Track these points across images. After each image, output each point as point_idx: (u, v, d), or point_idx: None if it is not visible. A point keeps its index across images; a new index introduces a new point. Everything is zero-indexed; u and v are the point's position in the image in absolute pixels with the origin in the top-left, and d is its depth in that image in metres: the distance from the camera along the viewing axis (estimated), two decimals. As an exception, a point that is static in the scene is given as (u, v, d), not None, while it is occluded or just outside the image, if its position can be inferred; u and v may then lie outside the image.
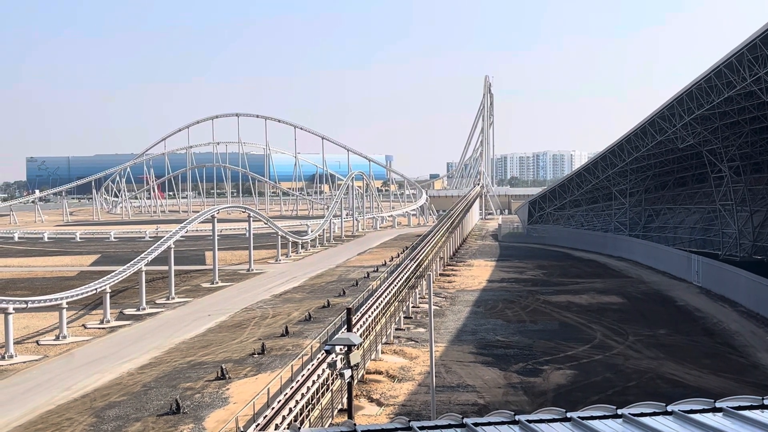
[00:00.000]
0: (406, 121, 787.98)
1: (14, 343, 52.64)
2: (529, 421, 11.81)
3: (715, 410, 12.18)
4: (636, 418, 11.84)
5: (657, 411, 12.22)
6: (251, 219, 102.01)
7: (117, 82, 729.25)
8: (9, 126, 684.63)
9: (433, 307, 31.92)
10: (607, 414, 12.12)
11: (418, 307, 63.32)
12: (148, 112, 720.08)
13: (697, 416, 11.87)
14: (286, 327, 55.21)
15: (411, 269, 63.38)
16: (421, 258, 69.86)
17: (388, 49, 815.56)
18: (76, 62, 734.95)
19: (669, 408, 12.31)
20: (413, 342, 50.41)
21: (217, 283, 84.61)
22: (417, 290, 64.55)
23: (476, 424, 11.73)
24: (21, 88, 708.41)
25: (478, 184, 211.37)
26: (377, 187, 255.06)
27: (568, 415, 12.06)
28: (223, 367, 42.99)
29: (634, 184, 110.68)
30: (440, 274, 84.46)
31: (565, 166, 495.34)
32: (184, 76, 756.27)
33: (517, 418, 11.96)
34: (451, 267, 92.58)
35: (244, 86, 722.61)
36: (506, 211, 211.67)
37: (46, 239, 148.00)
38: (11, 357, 50.75)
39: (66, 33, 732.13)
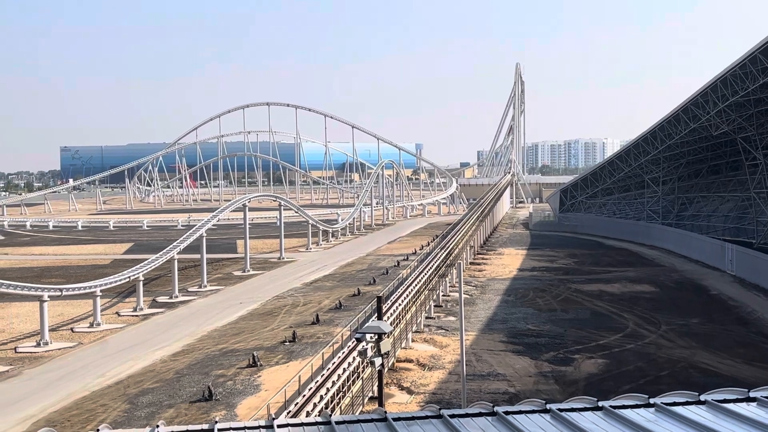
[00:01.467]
0: (436, 109, 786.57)
1: (49, 331, 53.42)
2: (561, 410, 11.78)
3: (748, 400, 12.07)
4: (668, 407, 11.76)
5: (689, 400, 12.13)
6: (282, 208, 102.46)
7: (148, 71, 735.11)
8: (43, 116, 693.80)
9: (463, 296, 31.88)
10: (639, 403, 12.06)
11: (449, 296, 63.23)
12: (180, 101, 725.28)
13: (730, 406, 11.76)
14: (317, 315, 55.44)
15: (441, 258, 63.31)
16: (451, 246, 69.73)
17: (419, 36, 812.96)
18: (108, 51, 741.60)
19: (702, 397, 12.22)
20: (443, 330, 50.37)
21: (248, 271, 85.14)
22: (447, 279, 64.46)
23: (507, 413, 11.72)
24: (55, 78, 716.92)
25: (509, 173, 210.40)
26: (407, 176, 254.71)
27: (600, 404, 12.01)
28: (255, 355, 43.29)
29: (667, 172, 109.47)
30: (470, 263, 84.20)
31: (597, 154, 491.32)
32: (215, 65, 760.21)
33: (548, 406, 11.93)
34: (481, 255, 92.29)
35: (274, 75, 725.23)
36: (537, 199, 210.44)
37: (80, 228, 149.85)
38: (46, 344, 51.52)
39: (98, 21, 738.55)
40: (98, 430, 11.65)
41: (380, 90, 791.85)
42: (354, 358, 32.44)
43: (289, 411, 26.91)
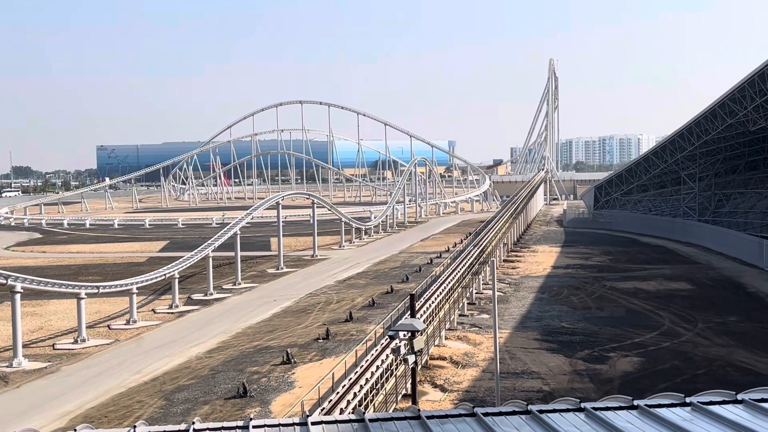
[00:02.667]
0: (469, 106, 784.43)
1: (86, 328, 54.11)
2: (595, 409, 11.70)
3: (788, 399, 11.89)
4: (705, 406, 11.63)
5: (727, 399, 11.99)
6: (315, 205, 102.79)
7: (183, 70, 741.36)
8: (80, 115, 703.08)
9: (497, 293, 31.78)
10: (675, 402, 11.94)
11: (482, 294, 63.07)
12: (214, 100, 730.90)
13: (768, 405, 11.60)
14: (350, 312, 55.58)
15: (474, 255, 63.13)
16: (484, 244, 69.51)
17: (453, 33, 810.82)
18: (144, 49, 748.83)
19: (739, 396, 12.07)
20: (477, 328, 50.27)
21: (282, 268, 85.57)
22: (481, 276, 64.29)
23: (541, 411, 11.67)
24: (91, 77, 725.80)
25: (543, 169, 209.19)
26: (440, 173, 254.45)
27: (635, 402, 11.92)
28: (289, 352, 43.51)
29: (704, 168, 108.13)
30: (504, 260, 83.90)
31: (632, 151, 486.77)
32: (250, 63, 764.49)
33: (582, 405, 11.86)
34: (515, 253, 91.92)
35: (307, 73, 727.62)
36: (571, 196, 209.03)
37: (116, 226, 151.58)
38: (84, 341, 52.17)
39: (134, 19, 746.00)
40: (135, 426, 11.78)
41: (413, 87, 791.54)
42: (387, 356, 32.47)
43: (323, 408, 27.02)
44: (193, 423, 11.69)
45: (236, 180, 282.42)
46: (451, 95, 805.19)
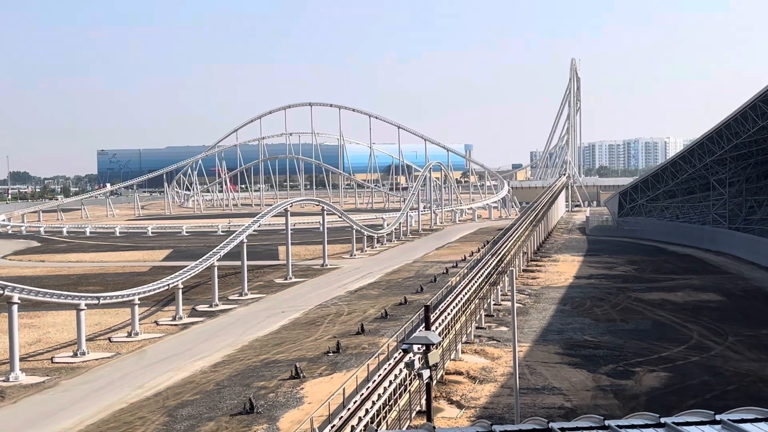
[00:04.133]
0: (487, 108, 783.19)
1: (86, 340, 54.33)
2: (620, 427, 11.66)
3: (824, 417, 11.80)
4: (736, 424, 11.56)
5: (759, 417, 11.91)
6: (325, 212, 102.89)
7: (187, 71, 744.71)
8: (80, 118, 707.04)
9: (516, 305, 31.71)
10: (704, 420, 11.87)
11: (501, 305, 62.98)
12: (220, 102, 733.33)
13: (804, 424, 11.52)
14: (362, 325, 55.59)
15: (492, 265, 63.04)
16: (503, 253, 69.40)
17: (468, 33, 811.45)
18: (145, 50, 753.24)
19: (773, 414, 11.98)
20: (495, 341, 50.18)
21: (290, 278, 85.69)
22: (499, 287, 64.18)
23: (563, 429, 11.64)
24: (91, 79, 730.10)
25: (564, 174, 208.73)
26: (456, 178, 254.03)
27: (662, 420, 11.85)
28: (298, 366, 43.55)
29: (734, 173, 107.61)
30: (524, 270, 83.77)
31: (659, 155, 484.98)
32: (256, 65, 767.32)
33: (606, 423, 11.81)
34: (535, 262, 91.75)
35: (316, 75, 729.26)
36: (594, 202, 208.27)
37: (117, 234, 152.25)
38: (84, 354, 52.36)
39: (135, 20, 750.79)
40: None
41: (427, 89, 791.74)
42: (401, 370, 32.44)
43: (334, 425, 27.02)
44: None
45: (243, 186, 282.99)
46: (468, 97, 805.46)
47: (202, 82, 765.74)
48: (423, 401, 31.32)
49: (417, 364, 25.61)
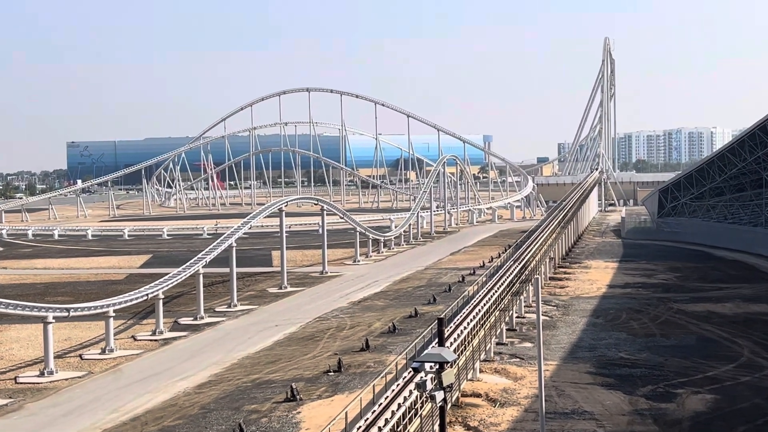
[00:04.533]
0: (508, 94, 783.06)
1: (55, 358, 54.27)
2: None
3: None
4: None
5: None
6: (325, 212, 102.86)
7: (168, 54, 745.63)
8: (48, 107, 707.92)
9: (542, 318, 31.67)
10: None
11: (524, 318, 62.89)
12: (205, 89, 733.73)
13: None
14: (367, 340, 55.56)
15: (515, 272, 62.93)
16: (526, 258, 69.28)
17: (485, 6, 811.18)
18: (122, 31, 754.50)
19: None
20: (518, 359, 50.09)
21: (285, 287, 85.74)
22: (522, 297, 64.07)
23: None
24: (60, 63, 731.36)
25: (597, 169, 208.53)
26: (474, 174, 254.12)
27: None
28: (294, 387, 43.52)
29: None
30: (550, 278, 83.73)
31: (704, 147, 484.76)
32: (245, 47, 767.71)
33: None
34: (563, 269, 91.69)
35: (315, 57, 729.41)
36: (631, 201, 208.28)
37: (89, 237, 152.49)
38: (51, 373, 52.36)
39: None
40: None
41: (441, 72, 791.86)
42: (411, 392, 32.39)
43: (334, 454, 26.98)
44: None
45: (231, 182, 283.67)
46: (487, 82, 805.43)
47: (186, 65, 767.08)
48: (436, 427, 31.27)
49: (429, 385, 25.59)
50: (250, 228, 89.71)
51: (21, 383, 51.28)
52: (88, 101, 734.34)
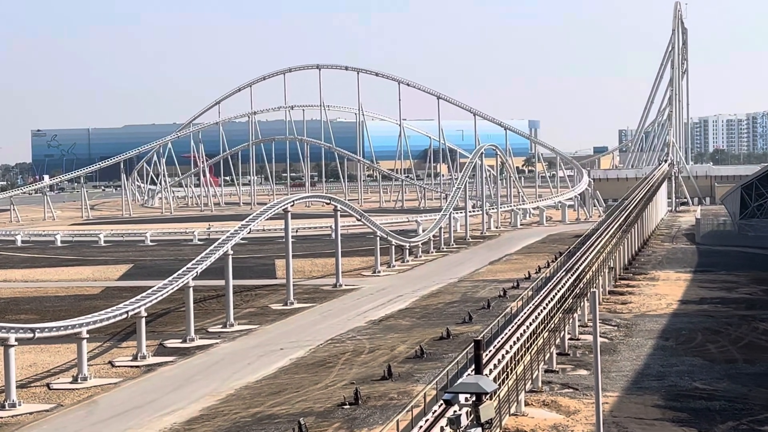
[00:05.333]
0: (558, 72, 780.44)
1: (17, 387, 54.53)
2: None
3: None
4: None
5: None
6: (339, 214, 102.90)
7: (152, 23, 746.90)
8: (7, 87, 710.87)
9: (600, 340, 31.57)
10: None
11: (578, 340, 62.74)
12: (195, 65, 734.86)
13: None
14: (389, 366, 55.53)
15: (567, 285, 62.76)
16: (581, 268, 69.11)
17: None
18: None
19: None
20: (571, 389, 49.97)
21: (292, 303, 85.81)
22: (576, 315, 63.88)
23: None
24: (20, 34, 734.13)
25: (666, 161, 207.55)
26: (517, 167, 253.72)
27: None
28: (302, 423, 43.57)
29: None
30: (610, 292, 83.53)
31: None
32: (243, 14, 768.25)
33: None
34: (626, 281, 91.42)
35: (326, 27, 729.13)
36: (707, 199, 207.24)
37: (58, 243, 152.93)
38: (14, 406, 52.49)
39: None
40: None
41: (477, 46, 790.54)
42: (442, 429, 32.39)
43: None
44: None
45: (227, 178, 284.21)
46: (533, 57, 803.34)
47: (172, 37, 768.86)
48: (473, 471, 31.23)
49: (464, 421, 25.60)
50: (249, 232, 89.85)
51: (-23, 418, 51.52)
52: (55, 80, 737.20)
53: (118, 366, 63.60)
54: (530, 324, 50.32)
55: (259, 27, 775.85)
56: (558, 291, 59.98)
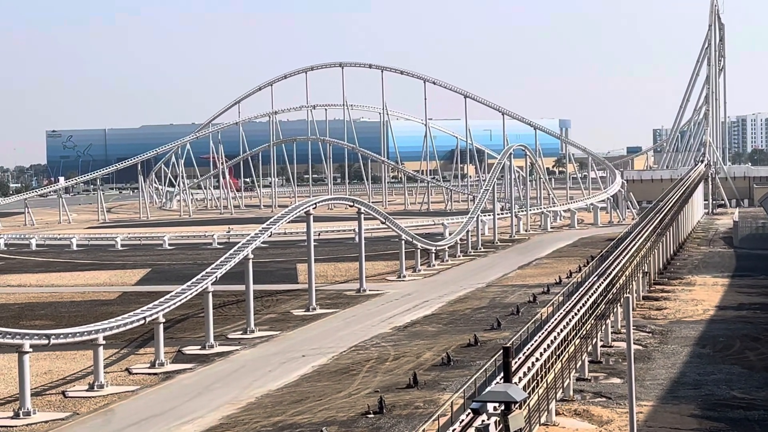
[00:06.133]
0: (590, 70, 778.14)
1: (32, 395, 54.77)
2: None
3: None
4: None
5: None
6: (362, 216, 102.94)
7: (170, 21, 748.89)
8: (23, 88, 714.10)
9: (633, 347, 31.48)
10: None
11: (611, 347, 62.62)
12: (215, 64, 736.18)
13: None
14: (415, 374, 55.51)
15: (600, 290, 62.61)
16: (614, 273, 68.93)
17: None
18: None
19: None
20: (604, 398, 49.86)
21: (314, 309, 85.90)
22: (609, 321, 63.71)
23: None
24: (36, 33, 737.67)
25: (702, 162, 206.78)
26: (547, 168, 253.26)
27: None
28: (325, 432, 43.63)
29: None
30: (644, 297, 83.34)
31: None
32: (264, 8, 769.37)
33: None
34: (660, 287, 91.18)
35: (349, 24, 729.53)
36: (746, 201, 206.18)
37: (74, 247, 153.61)
38: (28, 414, 52.78)
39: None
40: None
41: (505, 42, 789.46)
42: (470, 439, 32.34)
43: None
44: None
45: (247, 180, 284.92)
46: (564, 55, 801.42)
47: (190, 35, 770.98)
48: (502, 483, 31.17)
49: (493, 431, 25.56)
50: (270, 236, 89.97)
51: (-9, 426, 51.81)
52: (71, 80, 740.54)
53: (136, 373, 63.85)
54: (561, 330, 50.21)
55: (279, 24, 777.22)
56: (590, 296, 59.84)
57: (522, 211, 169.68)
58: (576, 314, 54.39)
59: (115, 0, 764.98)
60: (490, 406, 26.14)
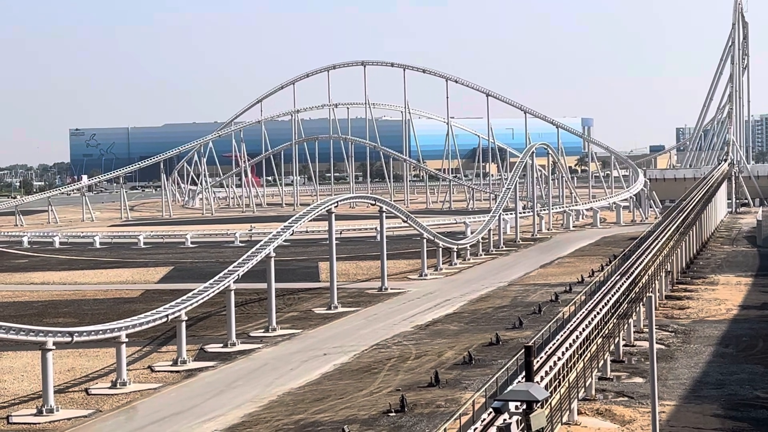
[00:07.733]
0: (612, 69, 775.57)
1: (55, 392, 55.00)
2: None
3: None
4: None
5: None
6: (384, 215, 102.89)
7: (191, 22, 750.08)
8: (46, 87, 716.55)
9: (656, 346, 31.38)
10: None
11: (634, 346, 62.49)
12: (237, 62, 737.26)
13: None
14: (436, 373, 55.48)
15: (622, 289, 62.44)
16: (637, 272, 68.74)
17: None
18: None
19: None
20: (626, 398, 49.74)
21: (335, 307, 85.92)
22: (632, 321, 63.52)
23: None
24: (60, 33, 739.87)
25: (726, 161, 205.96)
26: (570, 167, 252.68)
27: None
28: (346, 430, 43.62)
29: None
30: (667, 297, 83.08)
31: None
32: (285, 8, 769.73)
33: None
34: (683, 286, 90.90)
35: (372, 22, 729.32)
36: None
37: (97, 245, 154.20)
38: (51, 412, 52.96)
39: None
40: None
41: (528, 41, 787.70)
42: (491, 438, 32.30)
43: None
44: None
45: (270, 178, 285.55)
46: (586, 53, 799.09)
47: (213, 34, 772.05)
48: (523, 482, 31.12)
49: (515, 430, 25.53)
50: (292, 234, 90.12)
51: (15, 424, 51.98)
52: (94, 78, 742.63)
53: (158, 371, 64.02)
54: (583, 329, 50.10)
55: (302, 23, 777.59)
56: (612, 295, 59.69)
57: (544, 209, 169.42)
58: (598, 313, 54.29)
59: (139, 0, 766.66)
60: (511, 405, 26.09)
